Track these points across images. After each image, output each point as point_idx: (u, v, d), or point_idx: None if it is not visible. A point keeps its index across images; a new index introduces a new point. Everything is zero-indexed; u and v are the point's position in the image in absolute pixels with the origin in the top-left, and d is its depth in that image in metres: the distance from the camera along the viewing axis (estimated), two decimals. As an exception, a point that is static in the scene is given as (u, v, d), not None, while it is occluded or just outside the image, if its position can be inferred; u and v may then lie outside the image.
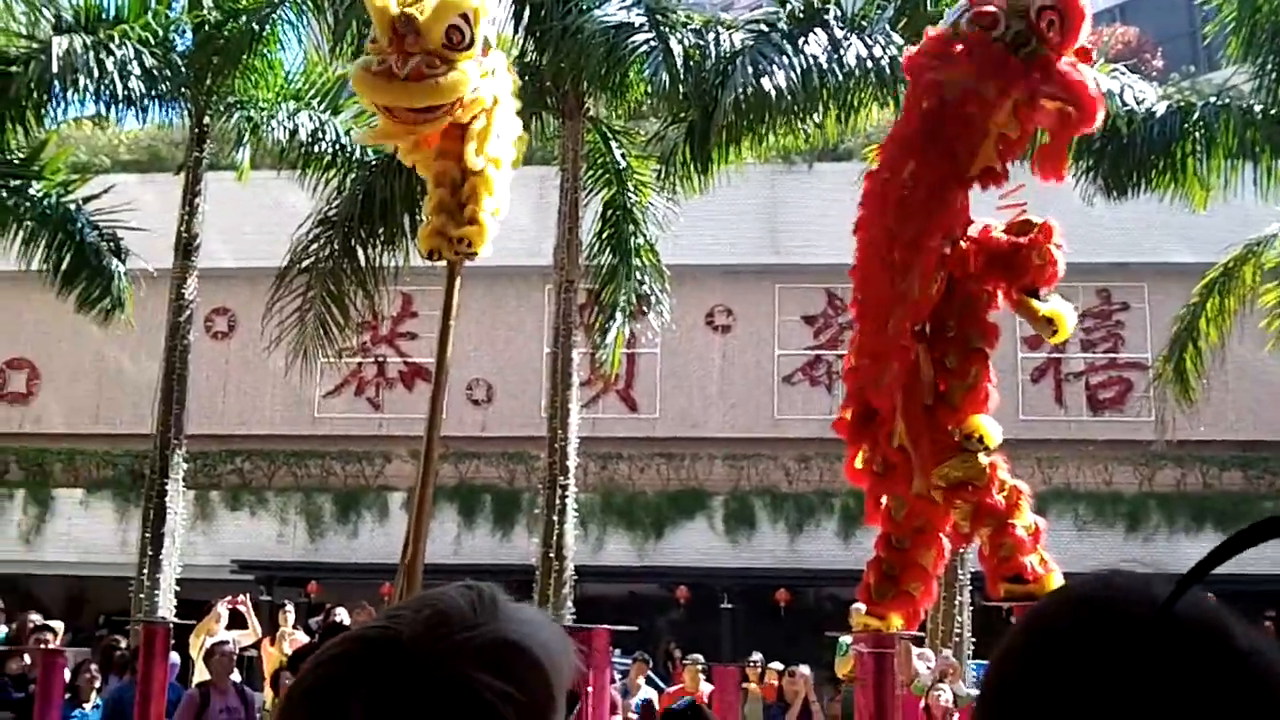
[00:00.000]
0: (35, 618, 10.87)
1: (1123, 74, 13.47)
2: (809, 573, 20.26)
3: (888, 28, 12.50)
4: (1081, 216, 17.46)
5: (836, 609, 18.06)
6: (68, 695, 8.69)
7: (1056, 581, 6.15)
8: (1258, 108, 13.50)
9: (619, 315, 14.52)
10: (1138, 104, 13.12)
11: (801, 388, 22.58)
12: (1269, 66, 13.60)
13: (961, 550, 12.38)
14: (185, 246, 14.42)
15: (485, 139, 6.03)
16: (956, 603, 12.68)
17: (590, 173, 14.12)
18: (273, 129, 14.16)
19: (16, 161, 14.07)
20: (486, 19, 5.90)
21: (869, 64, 12.10)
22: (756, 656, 13.99)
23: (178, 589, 13.94)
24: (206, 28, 13.66)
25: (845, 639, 13.12)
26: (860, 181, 15.17)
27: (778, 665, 13.12)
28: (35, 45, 13.47)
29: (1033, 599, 5.32)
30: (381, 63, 5.56)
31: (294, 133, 14.09)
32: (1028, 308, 6.13)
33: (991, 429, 6.09)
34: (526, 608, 0.96)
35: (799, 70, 11.88)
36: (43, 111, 13.92)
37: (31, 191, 13.97)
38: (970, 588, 12.79)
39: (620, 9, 12.18)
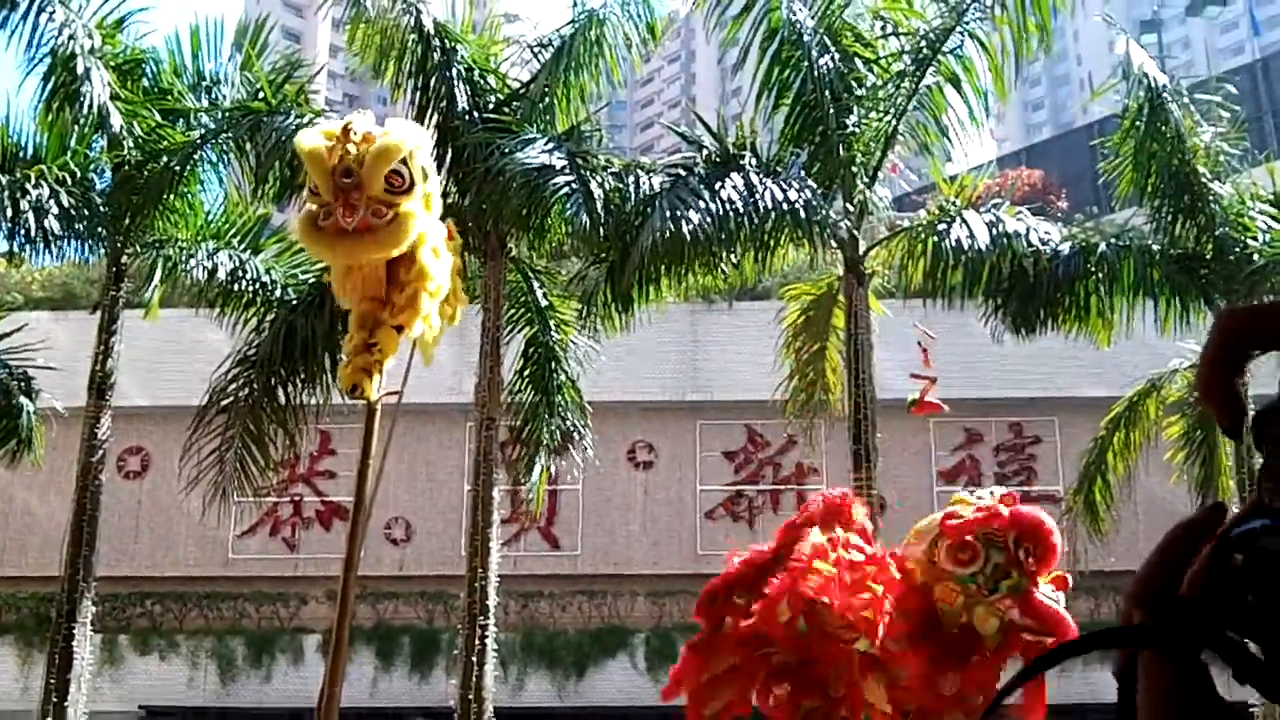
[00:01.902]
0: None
1: (1026, 215, 13.96)
2: (733, 711, 20.02)
3: (802, 172, 12.89)
4: (993, 352, 17.92)
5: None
6: None
7: None
8: (1156, 247, 14.06)
9: (541, 452, 14.52)
10: (1043, 244, 13.57)
11: (724, 523, 22.58)
12: (1164, 209, 14.22)
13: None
14: (99, 385, 14.19)
15: (423, 238, 6.01)
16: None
17: (512, 311, 14.25)
18: (191, 268, 14.12)
19: (-75, 300, 13.88)
20: (424, 150, 5.89)
21: (784, 206, 12.43)
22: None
23: (82, 739, 13.41)
24: (126, 168, 13.67)
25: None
26: (777, 319, 15.50)
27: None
28: (-52, 184, 13.39)
29: None
30: (327, 216, 5.53)
31: (213, 272, 14.05)
32: None
33: None
34: None
35: (716, 213, 12.15)
36: (-46, 250, 13.81)
37: (-60, 330, 13.75)
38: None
39: (542, 152, 12.43)
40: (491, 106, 13.50)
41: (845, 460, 14.24)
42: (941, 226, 13.51)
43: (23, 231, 13.39)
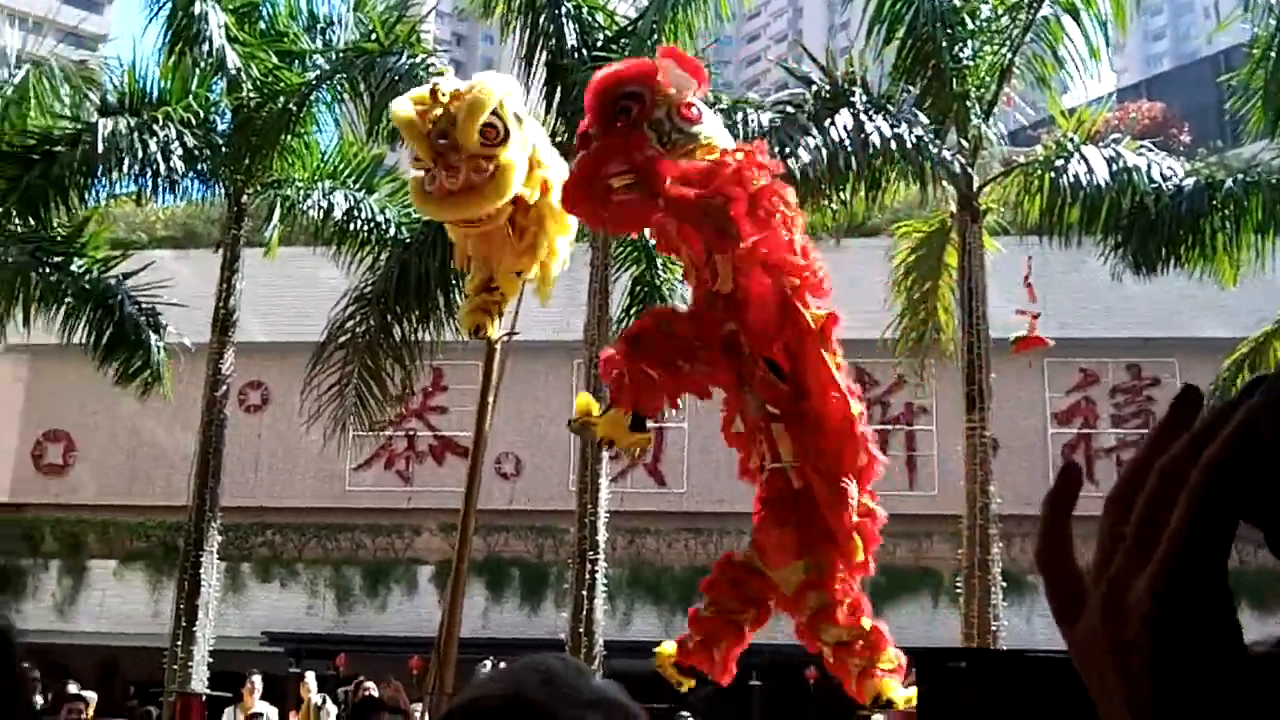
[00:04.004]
0: (74, 687, 10.93)
1: (1149, 150, 13.56)
2: (839, 649, 20.06)
3: (914, 108, 12.68)
4: (1111, 292, 17.52)
5: (867, 686, 17.84)
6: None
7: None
8: (1288, 183, 13.54)
9: (648, 390, 14.58)
10: (1165, 180, 13.18)
11: (830, 462, 22.52)
12: (1298, 141, 13.67)
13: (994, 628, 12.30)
14: (223, 322, 14.65)
15: (546, 191, 6.09)
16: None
17: (620, 250, 14.29)
18: (308, 207, 14.43)
19: (59, 239, 14.37)
20: (514, 98, 5.94)
21: (895, 143, 12.25)
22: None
23: (210, 660, 13.99)
24: (245, 109, 13.98)
25: (876, 717, 12.98)
26: (887, 257, 15.33)
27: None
28: (79, 126, 13.83)
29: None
30: (433, 180, 5.64)
31: (329, 211, 14.35)
32: None
33: None
34: (606, 679, 1.14)
35: (825, 150, 12.04)
36: (85, 190, 14.27)
37: (73, 268, 14.25)
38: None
39: (650, 90, 12.39)
40: (600, 44, 13.47)
41: (956, 400, 14.09)
42: (1059, 162, 13.21)
43: (150, 172, 13.81)
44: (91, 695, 11.19)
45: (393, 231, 14.24)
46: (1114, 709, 0.54)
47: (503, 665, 1.12)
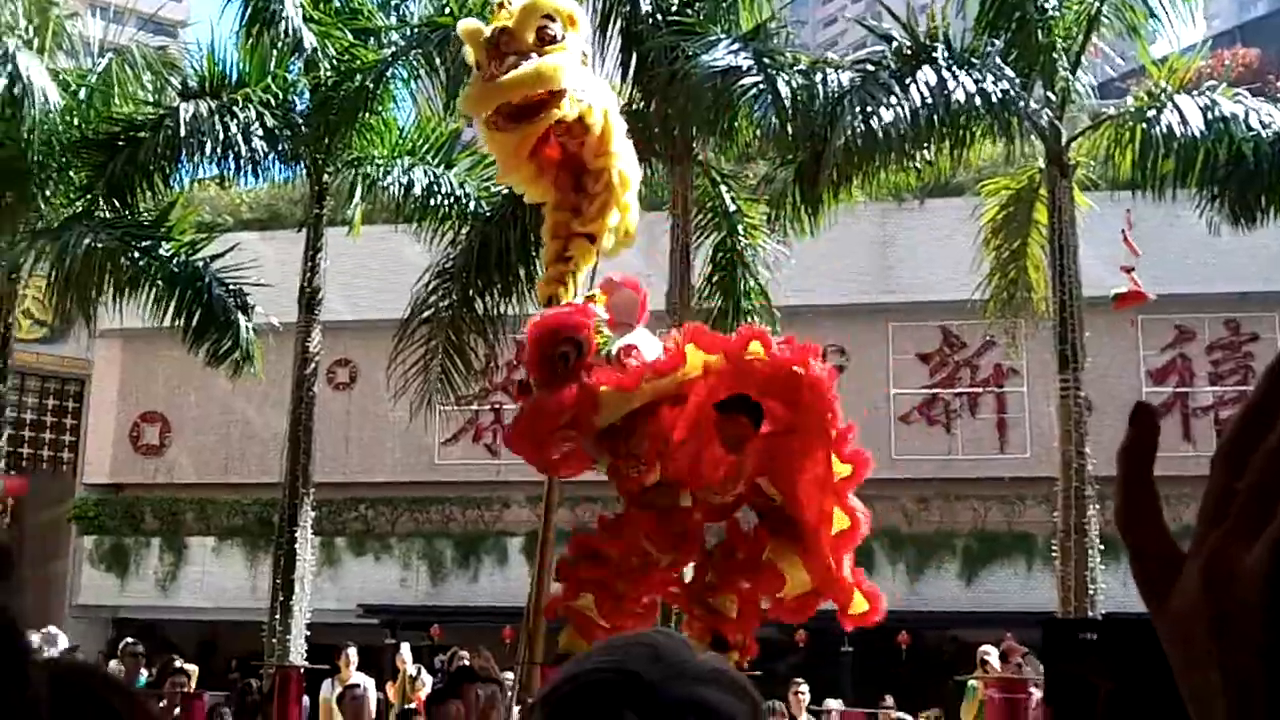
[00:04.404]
0: (176, 662, 11.18)
1: (1245, 97, 13.11)
2: (930, 615, 19.89)
3: (999, 61, 12.37)
4: (1207, 246, 17.03)
5: (959, 651, 17.66)
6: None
7: None
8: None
9: (731, 358, 14.47)
10: (1264, 127, 12.73)
11: (918, 427, 22.26)
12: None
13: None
14: (309, 301, 14.80)
15: (606, 139, 6.02)
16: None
17: (700, 217, 14.16)
18: (389, 184, 14.49)
19: (146, 223, 14.61)
20: (577, 34, 6.00)
21: (980, 98, 11.98)
22: (889, 700, 13.90)
23: (307, 634, 14.23)
24: (323, 88, 14.07)
25: (973, 682, 12.85)
26: (973, 216, 15.02)
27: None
28: (162, 111, 14.05)
29: None
30: (481, 76, 5.78)
31: (409, 187, 14.39)
32: None
33: None
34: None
35: (908, 108, 11.80)
36: (169, 175, 14.51)
37: (161, 251, 14.47)
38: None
39: (728, 53, 12.23)
40: (675, 8, 13.30)
41: (1047, 361, 13.81)
42: (1151, 113, 12.82)
43: (232, 154, 13.99)
44: (193, 668, 11.45)
45: (472, 206, 14.27)
46: (1205, 687, 0.47)
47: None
